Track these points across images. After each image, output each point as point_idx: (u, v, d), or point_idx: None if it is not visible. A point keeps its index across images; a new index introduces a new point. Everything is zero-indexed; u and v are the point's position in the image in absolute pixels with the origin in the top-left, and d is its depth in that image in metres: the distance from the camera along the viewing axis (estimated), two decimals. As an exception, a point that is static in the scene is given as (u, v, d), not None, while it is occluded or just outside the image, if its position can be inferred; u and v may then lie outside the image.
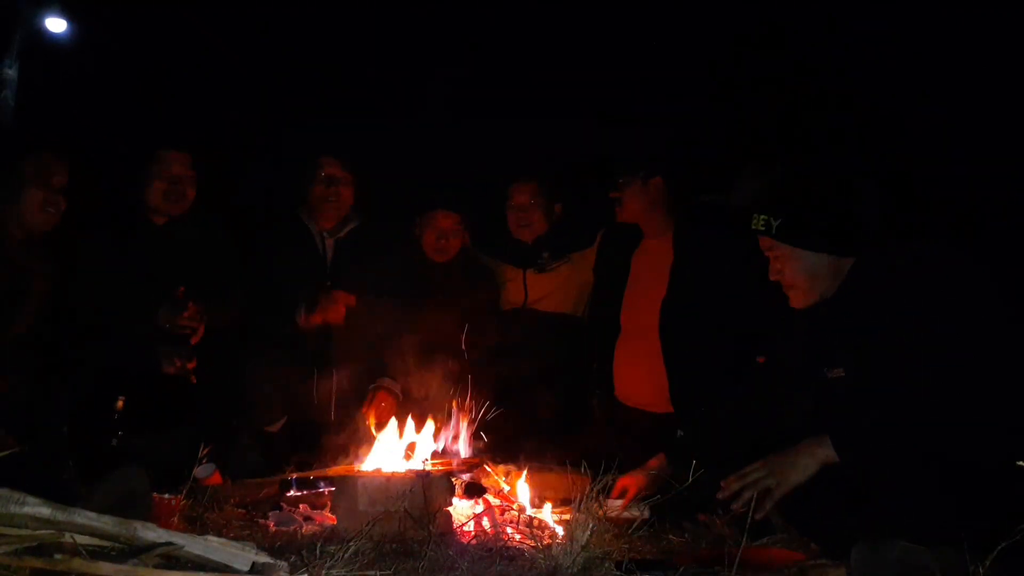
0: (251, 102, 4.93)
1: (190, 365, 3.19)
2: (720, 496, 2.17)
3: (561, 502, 2.69)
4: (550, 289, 3.89)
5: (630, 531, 2.27)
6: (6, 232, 2.89)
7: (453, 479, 2.67)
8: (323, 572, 1.71)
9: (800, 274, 2.23)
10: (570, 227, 3.98)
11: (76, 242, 3.23)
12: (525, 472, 2.89)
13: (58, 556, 1.52)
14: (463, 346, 3.57)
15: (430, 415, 3.20)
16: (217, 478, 2.90)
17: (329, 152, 3.75)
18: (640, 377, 3.50)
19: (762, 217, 2.23)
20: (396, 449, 2.93)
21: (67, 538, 1.58)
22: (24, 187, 2.91)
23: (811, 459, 2.08)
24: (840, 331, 2.19)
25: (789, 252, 2.22)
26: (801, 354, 2.34)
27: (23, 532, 1.57)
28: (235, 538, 2.06)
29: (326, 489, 2.75)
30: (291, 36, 4.90)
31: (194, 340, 3.23)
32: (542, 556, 1.89)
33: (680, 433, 2.79)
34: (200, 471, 2.81)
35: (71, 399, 2.83)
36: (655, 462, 2.69)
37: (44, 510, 1.61)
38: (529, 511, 2.61)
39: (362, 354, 3.61)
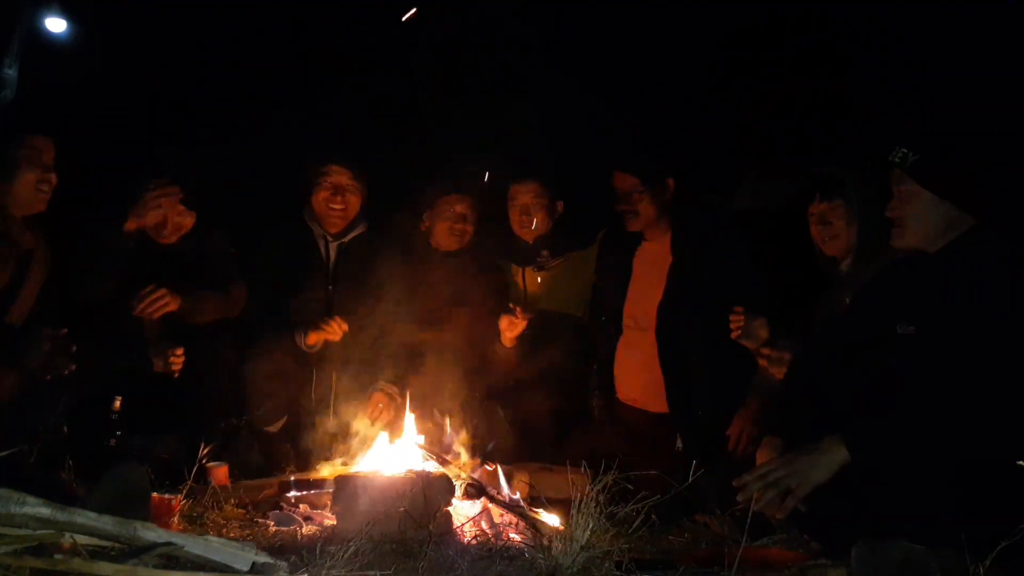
0: (251, 101, 4.92)
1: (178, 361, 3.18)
2: (740, 498, 2.09)
3: (561, 502, 2.68)
4: (549, 288, 3.88)
5: (630, 531, 2.27)
6: (7, 213, 2.91)
7: (454, 480, 2.66)
8: (323, 572, 1.71)
9: (915, 217, 2.22)
10: (570, 226, 3.96)
11: (71, 237, 3.23)
12: (526, 472, 2.89)
13: (58, 556, 1.52)
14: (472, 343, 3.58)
15: (430, 416, 3.20)
16: (225, 476, 2.90)
17: (338, 159, 3.68)
18: (641, 377, 3.50)
19: (902, 150, 2.23)
20: (395, 450, 2.93)
21: (67, 538, 1.58)
22: (17, 169, 2.92)
23: (833, 458, 2.04)
24: (933, 288, 2.16)
25: (913, 190, 2.21)
26: (873, 307, 2.32)
27: (23, 532, 1.57)
28: (235, 538, 2.07)
29: (326, 490, 2.75)
30: (290, 36, 4.89)
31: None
32: (542, 556, 1.88)
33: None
34: (212, 464, 2.84)
35: (70, 399, 2.82)
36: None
37: (44, 510, 1.60)
38: (529, 511, 2.60)
39: (362, 354, 3.61)
